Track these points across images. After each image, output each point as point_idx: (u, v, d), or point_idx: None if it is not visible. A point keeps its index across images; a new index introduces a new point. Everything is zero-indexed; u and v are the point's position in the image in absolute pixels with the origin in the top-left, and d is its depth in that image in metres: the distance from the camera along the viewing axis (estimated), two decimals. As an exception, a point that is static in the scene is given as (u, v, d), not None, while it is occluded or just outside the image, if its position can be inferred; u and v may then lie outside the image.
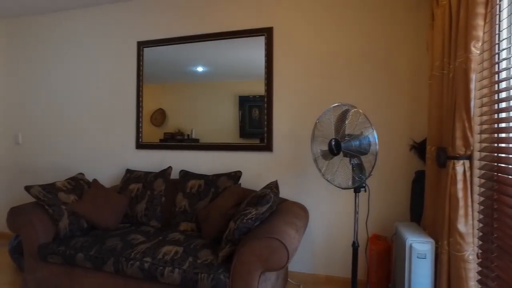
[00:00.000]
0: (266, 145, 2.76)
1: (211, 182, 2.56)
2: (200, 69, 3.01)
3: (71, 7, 3.46)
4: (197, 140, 3.03)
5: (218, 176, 2.58)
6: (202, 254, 1.97)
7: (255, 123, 2.85)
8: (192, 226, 2.44)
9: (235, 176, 2.55)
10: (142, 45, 3.14)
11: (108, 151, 3.32)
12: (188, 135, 3.07)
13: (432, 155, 2.06)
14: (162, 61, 3.12)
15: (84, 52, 3.45)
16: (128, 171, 2.88)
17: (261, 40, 2.78)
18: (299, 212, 2.24)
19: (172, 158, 3.07)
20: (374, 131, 1.87)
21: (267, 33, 2.76)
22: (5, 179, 3.90)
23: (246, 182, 2.84)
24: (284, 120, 2.75)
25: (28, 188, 2.36)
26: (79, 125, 3.47)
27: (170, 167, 2.77)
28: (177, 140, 3.08)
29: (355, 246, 2.06)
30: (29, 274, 2.34)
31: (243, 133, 2.89)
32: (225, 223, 2.17)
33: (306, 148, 2.69)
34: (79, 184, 2.68)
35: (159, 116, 3.16)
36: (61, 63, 3.56)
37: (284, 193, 2.75)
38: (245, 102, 2.88)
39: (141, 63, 3.13)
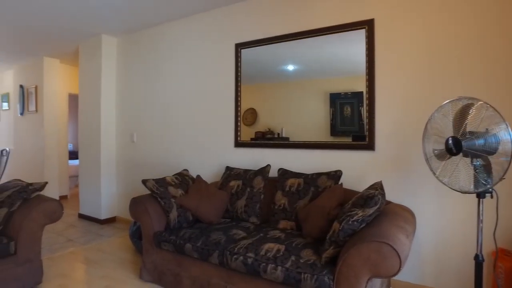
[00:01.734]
0: (367, 144, 2.60)
1: (311, 181, 2.52)
2: (290, 67, 3.00)
3: (172, 19, 3.78)
4: (287, 139, 3.03)
5: (318, 175, 2.53)
6: (304, 254, 1.94)
7: (346, 121, 2.72)
8: (291, 225, 2.44)
9: (336, 175, 2.47)
10: (239, 47, 3.26)
11: (209, 148, 3.54)
12: (278, 133, 3.08)
13: None
14: (254, 62, 3.20)
15: (186, 58, 3.73)
16: (228, 168, 3.02)
17: (360, 34, 2.64)
18: (407, 216, 2.05)
19: (266, 156, 3.12)
20: (509, 127, 1.60)
21: (368, 25, 2.60)
22: (123, 171, 4.47)
23: (343, 182, 2.73)
24: (387, 118, 2.56)
25: (144, 182, 2.64)
26: (182, 125, 3.77)
27: (268, 165, 2.81)
28: (267, 139, 3.13)
29: (478, 260, 1.80)
30: (147, 257, 2.62)
31: (334, 131, 2.79)
32: (327, 223, 2.10)
33: (412, 147, 2.46)
34: (184, 180, 2.90)
35: (250, 116, 3.24)
36: (166, 70, 3.92)
37: (386, 194, 2.56)
38: (336, 100, 2.78)
39: (239, 64, 3.25)
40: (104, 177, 4.43)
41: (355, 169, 2.69)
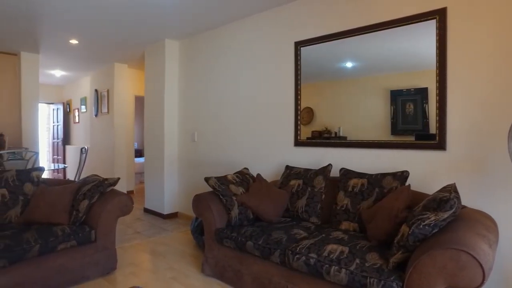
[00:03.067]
0: (437, 143, 2.42)
1: (375, 181, 2.41)
2: (349, 64, 2.90)
3: (230, 20, 3.86)
4: (344, 138, 2.94)
5: (382, 175, 2.41)
6: (370, 257, 1.87)
7: (409, 119, 2.56)
8: (354, 226, 2.36)
9: (402, 176, 2.34)
10: (299, 45, 3.23)
11: (268, 147, 3.56)
12: (335, 133, 3.01)
13: None
14: (310, 60, 3.16)
15: (244, 58, 3.79)
16: (288, 167, 3.01)
17: (428, 25, 2.46)
18: (489, 224, 1.87)
19: (326, 155, 3.05)
20: None
21: (439, 15, 2.41)
22: (184, 169, 4.68)
23: (408, 183, 2.57)
24: (461, 115, 2.36)
25: (207, 179, 2.73)
26: (241, 125, 3.85)
27: (330, 165, 2.75)
28: (324, 138, 3.07)
29: None
30: (209, 252, 2.71)
31: (394, 130, 2.64)
32: (394, 226, 2.00)
33: (491, 147, 2.23)
34: (245, 178, 2.95)
35: (306, 115, 3.20)
36: (224, 71, 4.03)
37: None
38: (398, 97, 2.63)
39: (298, 62, 3.23)
40: (167, 174, 4.68)
41: (421, 170, 2.52)
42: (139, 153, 9.29)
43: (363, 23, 2.81)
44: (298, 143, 3.25)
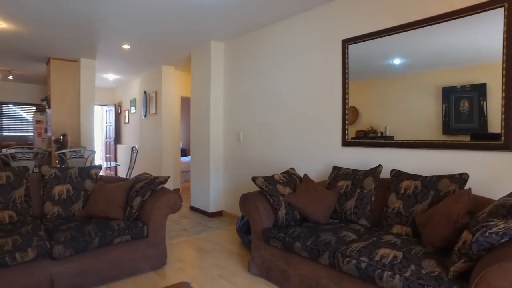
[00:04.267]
0: (503, 144, 2.23)
1: (430, 184, 2.28)
2: (397, 61, 2.76)
3: (275, 20, 3.85)
4: (391, 138, 2.82)
5: (438, 177, 2.27)
6: (426, 264, 1.77)
7: (463, 117, 2.39)
8: (407, 230, 2.25)
9: (461, 179, 2.19)
10: (346, 43, 3.14)
11: (313, 148, 3.51)
12: (381, 132, 2.89)
13: None
14: (356, 58, 3.06)
15: (289, 57, 3.77)
16: (335, 167, 2.95)
17: (493, 15, 2.27)
18: None
19: (374, 156, 2.94)
20: None
21: (508, 3, 2.21)
22: (229, 168, 4.75)
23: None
24: (531, 112, 2.15)
25: (254, 179, 2.75)
26: (286, 124, 3.83)
27: (380, 166, 2.65)
28: (369, 138, 2.97)
29: None
30: (255, 251, 2.73)
31: (447, 130, 2.49)
32: (453, 232, 1.87)
33: None
34: (292, 178, 2.93)
35: (351, 114, 3.12)
36: (268, 71, 4.03)
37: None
38: (450, 94, 2.46)
39: (346, 60, 3.14)
40: (212, 173, 4.79)
41: (481, 172, 2.34)
42: (183, 152, 9.62)
43: (417, 17, 2.67)
44: (346, 143, 3.16)
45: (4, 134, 8.06)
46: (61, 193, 2.88)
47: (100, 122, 9.89)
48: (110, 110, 9.23)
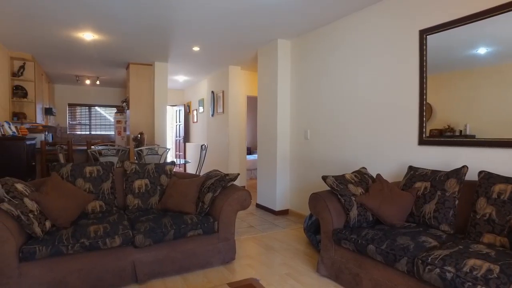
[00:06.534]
0: None
1: (531, 188, 2.00)
2: (482, 51, 2.46)
3: (342, 15, 3.70)
4: (472, 136, 2.54)
5: (542, 181, 1.99)
6: (529, 280, 1.55)
7: None
8: (502, 241, 2.00)
9: None
10: (424, 33, 2.90)
11: (385, 146, 3.32)
12: (460, 131, 2.61)
13: None
14: (431, 50, 2.79)
15: (360, 52, 3.60)
16: (411, 168, 2.74)
17: None
18: None
19: (456, 156, 2.67)
20: None
21: None
22: (296, 166, 4.72)
23: None
24: None
25: (324, 178, 2.68)
26: (355, 122, 3.67)
27: (465, 166, 2.40)
28: (446, 137, 2.71)
29: None
30: (325, 252, 2.66)
31: None
32: None
33: None
34: (364, 178, 2.80)
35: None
36: (336, 68, 3.89)
37: None
38: None
39: (424, 52, 2.90)
40: (279, 171, 4.79)
41: None
42: (248, 150, 9.81)
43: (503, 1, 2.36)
44: (423, 141, 2.92)
45: (92, 133, 9.13)
46: (140, 187, 3.12)
47: (171, 121, 10.54)
48: (180, 110, 9.78)
